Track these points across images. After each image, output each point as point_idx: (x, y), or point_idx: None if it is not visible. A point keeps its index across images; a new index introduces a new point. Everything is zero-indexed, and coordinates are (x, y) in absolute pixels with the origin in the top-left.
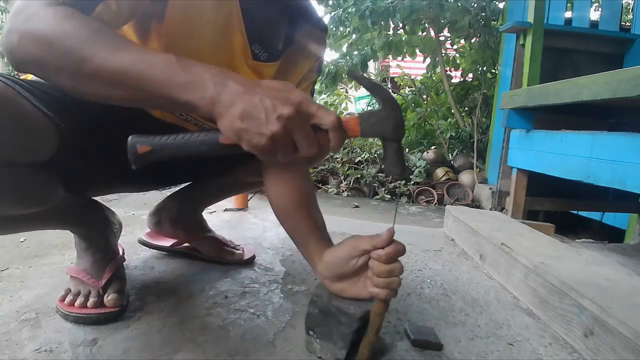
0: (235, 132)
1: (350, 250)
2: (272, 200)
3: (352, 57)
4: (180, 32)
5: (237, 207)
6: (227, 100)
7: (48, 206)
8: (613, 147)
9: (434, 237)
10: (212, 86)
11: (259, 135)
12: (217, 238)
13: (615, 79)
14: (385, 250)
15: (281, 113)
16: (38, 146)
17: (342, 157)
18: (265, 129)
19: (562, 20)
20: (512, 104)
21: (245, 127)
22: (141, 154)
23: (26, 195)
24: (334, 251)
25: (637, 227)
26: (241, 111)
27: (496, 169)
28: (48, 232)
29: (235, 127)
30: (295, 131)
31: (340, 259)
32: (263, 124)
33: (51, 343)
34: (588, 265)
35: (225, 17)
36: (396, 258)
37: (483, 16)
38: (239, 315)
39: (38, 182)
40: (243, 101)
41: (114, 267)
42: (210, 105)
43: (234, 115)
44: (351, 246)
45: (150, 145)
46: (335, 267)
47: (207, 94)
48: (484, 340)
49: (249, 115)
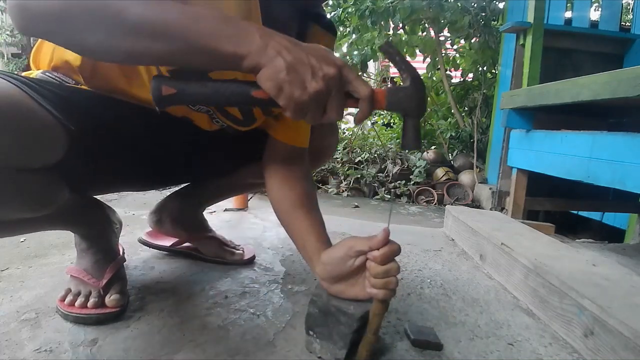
0: (277, 84)
1: (346, 252)
2: (272, 199)
3: (352, 57)
4: None
5: (237, 207)
6: (274, 52)
7: (54, 209)
8: (613, 147)
9: (434, 237)
10: (259, 38)
11: (302, 90)
12: (218, 238)
13: (615, 79)
14: (381, 251)
15: (327, 72)
16: (47, 151)
17: (342, 157)
18: (309, 85)
19: (562, 20)
20: (512, 104)
21: (289, 79)
22: (165, 96)
23: (34, 200)
24: (330, 252)
25: (637, 227)
26: (288, 63)
27: (496, 169)
28: (48, 232)
29: (280, 78)
30: (333, 94)
31: (336, 260)
32: (308, 79)
33: (51, 343)
34: (588, 265)
35: (246, 13)
36: (392, 258)
37: (483, 16)
38: (239, 315)
39: (46, 186)
40: (291, 55)
41: (115, 267)
42: (256, 55)
43: (280, 66)
44: (347, 247)
45: (175, 88)
46: (332, 268)
47: (253, 46)
48: (484, 340)
49: (294, 69)
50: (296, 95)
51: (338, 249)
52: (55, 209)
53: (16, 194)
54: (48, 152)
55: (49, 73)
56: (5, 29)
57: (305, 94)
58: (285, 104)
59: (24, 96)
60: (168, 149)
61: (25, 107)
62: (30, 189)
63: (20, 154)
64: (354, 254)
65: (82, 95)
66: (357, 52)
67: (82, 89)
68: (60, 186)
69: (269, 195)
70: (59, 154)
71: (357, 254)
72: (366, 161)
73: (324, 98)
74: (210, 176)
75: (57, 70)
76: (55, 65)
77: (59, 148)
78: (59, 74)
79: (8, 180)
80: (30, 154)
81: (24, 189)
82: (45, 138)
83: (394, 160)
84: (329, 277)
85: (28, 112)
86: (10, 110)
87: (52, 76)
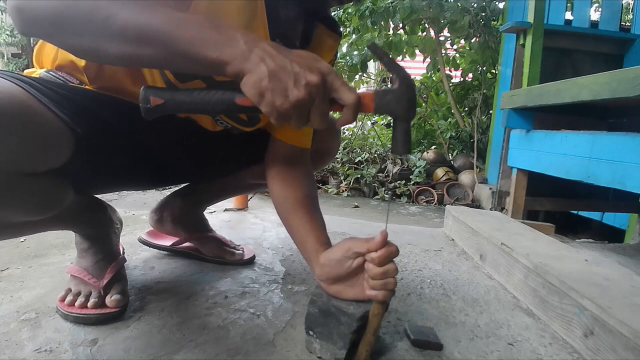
0: (260, 91)
1: (344, 253)
2: (274, 199)
3: (352, 57)
4: None
5: (237, 207)
6: (258, 58)
7: (59, 210)
8: (613, 147)
9: (434, 237)
10: (243, 44)
11: (283, 98)
12: (218, 238)
13: (615, 79)
14: (378, 253)
15: (309, 80)
16: (54, 154)
17: (342, 157)
18: (291, 93)
19: (562, 20)
20: (512, 104)
21: (271, 87)
22: (153, 107)
23: (40, 203)
24: (328, 254)
25: (637, 227)
26: (270, 71)
27: (496, 169)
28: (48, 232)
29: (262, 85)
30: (315, 102)
31: (334, 262)
32: (290, 87)
33: (51, 343)
34: (588, 265)
35: (250, 13)
36: (390, 260)
37: (483, 16)
38: (239, 315)
39: (51, 190)
40: (273, 61)
41: (116, 267)
42: (240, 61)
43: (262, 73)
44: (345, 249)
45: (163, 98)
46: (330, 269)
47: (237, 51)
48: (484, 340)
49: (277, 76)
50: (277, 103)
51: (336, 251)
52: None
53: (22, 198)
54: (54, 155)
55: (52, 72)
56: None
57: (287, 102)
58: (268, 111)
59: (30, 98)
60: (171, 149)
61: (31, 110)
62: (36, 193)
63: (26, 159)
64: (352, 256)
65: (86, 95)
66: (357, 52)
67: (87, 89)
68: (66, 189)
69: (271, 195)
70: (65, 156)
71: (355, 255)
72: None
73: (306, 106)
74: (213, 176)
75: (62, 69)
76: (60, 64)
77: (66, 151)
78: (62, 73)
79: (14, 184)
80: (37, 158)
81: (30, 193)
82: (52, 142)
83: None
84: (327, 279)
85: (34, 115)
86: (17, 114)
87: (55, 75)
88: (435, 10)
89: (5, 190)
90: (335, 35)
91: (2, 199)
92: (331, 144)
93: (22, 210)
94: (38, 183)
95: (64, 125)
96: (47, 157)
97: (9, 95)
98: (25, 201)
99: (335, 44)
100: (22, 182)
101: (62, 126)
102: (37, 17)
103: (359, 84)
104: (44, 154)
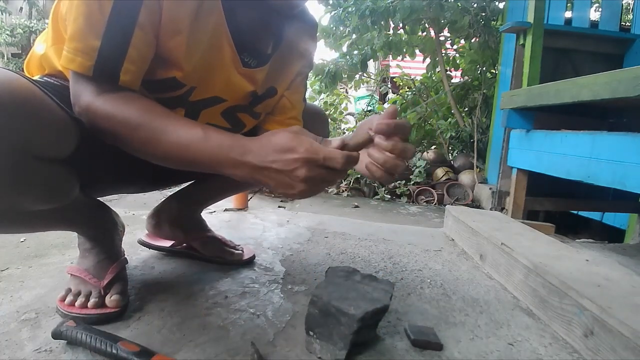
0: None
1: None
2: None
3: (352, 57)
4: None
5: (237, 207)
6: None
7: (67, 201)
8: (613, 147)
9: (434, 237)
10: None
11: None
12: (217, 238)
13: (615, 79)
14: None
15: (298, 175)
16: (63, 138)
17: None
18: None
19: (562, 20)
20: (512, 104)
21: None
22: None
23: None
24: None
25: (637, 227)
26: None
27: (496, 169)
28: (48, 232)
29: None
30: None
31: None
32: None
33: (51, 343)
34: (588, 265)
35: (215, 36)
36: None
37: (483, 16)
38: (239, 315)
39: (61, 177)
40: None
41: (117, 267)
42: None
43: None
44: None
45: None
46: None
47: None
48: (484, 340)
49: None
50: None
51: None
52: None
53: (33, 183)
54: (64, 140)
55: (47, 77)
56: (5, 29)
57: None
58: None
59: (36, 88)
60: None
61: (40, 96)
62: (47, 179)
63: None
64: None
65: None
66: (357, 52)
67: None
68: (73, 179)
69: None
70: (72, 144)
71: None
72: None
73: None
74: (210, 175)
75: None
76: (49, 73)
77: (72, 139)
78: (57, 79)
79: (27, 167)
80: (48, 140)
81: (41, 178)
82: (61, 127)
83: None
84: None
85: (43, 101)
86: (30, 96)
87: (51, 80)
88: (436, 10)
89: (18, 172)
90: (309, 26)
91: (15, 181)
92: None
93: (32, 197)
94: (48, 169)
95: (68, 116)
96: (57, 141)
97: (20, 82)
98: (36, 186)
99: (311, 33)
100: (34, 166)
101: (66, 115)
102: (100, 128)
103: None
104: (54, 137)
